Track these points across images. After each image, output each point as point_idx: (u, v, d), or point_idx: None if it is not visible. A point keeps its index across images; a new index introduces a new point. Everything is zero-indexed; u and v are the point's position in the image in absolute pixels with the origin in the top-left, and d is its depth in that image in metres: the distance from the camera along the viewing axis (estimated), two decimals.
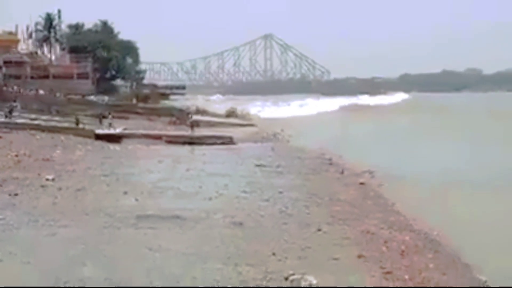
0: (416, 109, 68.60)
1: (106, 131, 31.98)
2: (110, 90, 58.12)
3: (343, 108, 76.64)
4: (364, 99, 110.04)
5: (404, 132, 37.99)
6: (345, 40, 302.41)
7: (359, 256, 9.68)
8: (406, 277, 8.94)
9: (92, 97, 49.51)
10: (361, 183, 17.71)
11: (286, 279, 8.42)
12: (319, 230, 11.38)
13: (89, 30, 65.96)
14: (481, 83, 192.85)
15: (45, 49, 65.58)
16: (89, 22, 68.26)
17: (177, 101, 60.64)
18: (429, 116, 54.04)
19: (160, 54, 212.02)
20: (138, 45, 72.15)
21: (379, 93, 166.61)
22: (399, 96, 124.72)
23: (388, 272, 8.99)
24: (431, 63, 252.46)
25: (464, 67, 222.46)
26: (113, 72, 62.98)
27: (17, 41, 62.66)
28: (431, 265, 9.70)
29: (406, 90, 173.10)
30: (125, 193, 14.94)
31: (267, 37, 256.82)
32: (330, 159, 23.01)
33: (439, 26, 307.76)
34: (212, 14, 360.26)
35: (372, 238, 11.06)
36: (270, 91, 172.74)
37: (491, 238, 12.01)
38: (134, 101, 52.32)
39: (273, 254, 9.58)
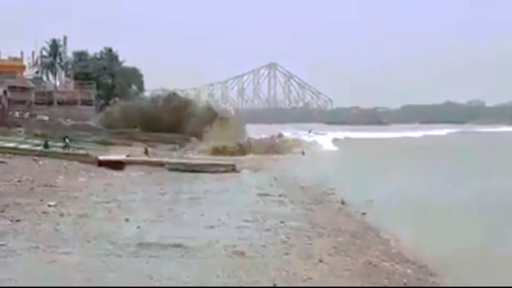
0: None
1: (108, 157, 32.02)
2: None
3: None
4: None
5: None
6: (348, 69, 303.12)
7: None
8: None
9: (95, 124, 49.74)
10: None
11: None
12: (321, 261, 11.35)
13: (94, 57, 66.35)
14: (484, 115, 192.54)
15: (50, 75, 66.02)
16: (94, 48, 68.76)
17: None
18: None
19: (164, 82, 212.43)
20: (142, 72, 72.53)
21: (381, 123, 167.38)
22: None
23: None
24: (434, 94, 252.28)
25: (466, 99, 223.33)
26: (117, 99, 63.21)
27: (23, 67, 63.15)
28: None
29: (408, 121, 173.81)
30: (127, 220, 14.93)
31: (271, 66, 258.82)
32: None
33: (441, 56, 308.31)
34: (216, 43, 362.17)
35: (374, 270, 11.02)
36: (273, 120, 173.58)
37: None
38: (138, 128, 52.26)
39: (274, 285, 9.53)
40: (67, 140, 37.79)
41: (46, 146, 34.87)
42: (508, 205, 19.95)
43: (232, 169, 31.08)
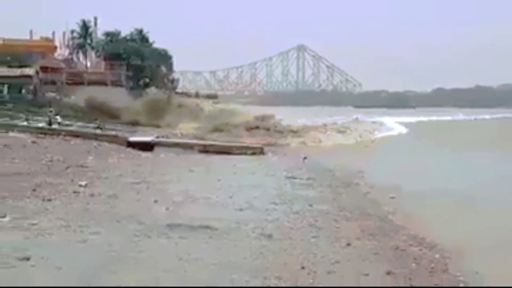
0: None
1: (138, 138, 32.25)
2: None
3: None
4: None
5: None
6: (377, 52, 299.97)
7: (388, 273, 9.61)
8: None
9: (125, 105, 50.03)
10: None
11: None
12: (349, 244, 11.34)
13: (124, 38, 66.53)
14: None
15: (81, 56, 66.43)
16: (124, 29, 68.91)
17: None
18: None
19: (193, 63, 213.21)
20: (172, 53, 72.62)
21: (409, 107, 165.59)
22: None
23: None
24: (464, 77, 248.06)
25: (497, 83, 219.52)
26: (147, 80, 63.41)
27: (54, 48, 63.61)
28: (461, 284, 9.59)
29: (439, 105, 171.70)
30: (156, 201, 15.06)
31: (300, 48, 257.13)
32: None
33: (474, 40, 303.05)
34: (245, 25, 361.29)
35: (402, 255, 10.98)
36: (301, 102, 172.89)
37: None
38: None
39: (302, 267, 9.55)
40: (97, 122, 38.26)
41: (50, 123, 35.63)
42: None
43: (261, 152, 31.12)
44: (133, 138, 31.99)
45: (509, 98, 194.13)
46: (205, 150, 30.48)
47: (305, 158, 27.86)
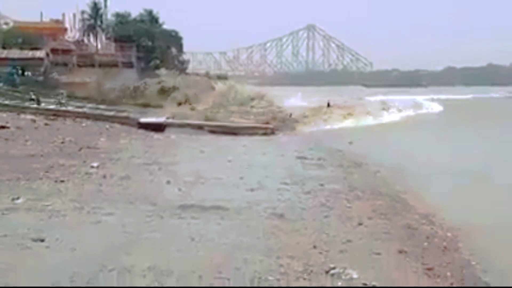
0: None
1: (149, 119, 32.34)
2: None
3: None
4: None
5: None
6: (387, 31, 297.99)
7: (400, 252, 9.65)
8: (448, 274, 8.89)
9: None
10: None
11: (327, 272, 8.44)
12: (360, 224, 11.38)
13: (135, 19, 66.41)
14: None
15: (91, 37, 66.43)
16: (134, 10, 68.81)
17: None
18: None
19: (203, 44, 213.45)
20: (182, 34, 72.45)
21: (420, 85, 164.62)
22: None
23: (429, 269, 8.95)
24: (476, 56, 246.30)
25: (509, 61, 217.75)
26: (157, 62, 63.35)
27: (64, 30, 63.68)
28: (473, 262, 9.63)
29: (450, 84, 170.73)
30: (168, 182, 15.14)
31: (309, 27, 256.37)
32: None
33: (484, 19, 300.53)
34: (255, 4, 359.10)
35: (414, 234, 11.01)
36: (311, 83, 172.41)
37: None
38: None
39: (314, 247, 9.61)
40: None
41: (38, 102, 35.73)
42: None
43: (272, 132, 31.17)
44: (144, 119, 32.07)
45: None
46: (216, 130, 30.54)
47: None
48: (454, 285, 8.56)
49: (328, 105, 49.26)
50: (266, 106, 45.11)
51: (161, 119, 32.58)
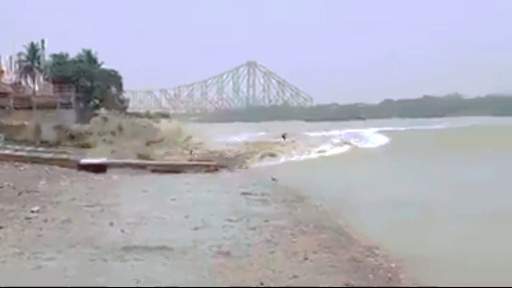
0: None
1: (90, 160, 31.87)
2: None
3: None
4: None
5: None
6: (326, 67, 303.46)
7: (347, 285, 9.72)
8: None
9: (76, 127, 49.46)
10: None
11: None
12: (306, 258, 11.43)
13: (73, 59, 65.88)
14: (462, 108, 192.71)
15: (29, 79, 65.39)
16: (73, 51, 68.26)
17: None
18: None
19: (143, 82, 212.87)
20: (121, 73, 72.16)
21: (360, 118, 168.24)
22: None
23: None
24: (411, 89, 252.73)
25: (444, 93, 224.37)
26: (97, 101, 62.85)
27: (1, 72, 62.53)
28: None
29: (387, 116, 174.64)
30: (111, 224, 14.90)
31: (250, 64, 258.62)
32: None
33: (418, 51, 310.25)
34: (195, 42, 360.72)
35: (359, 266, 11.12)
36: (251, 118, 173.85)
37: None
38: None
39: (261, 283, 9.58)
40: None
41: None
42: None
43: (215, 169, 31.13)
44: (84, 160, 31.59)
45: (457, 106, 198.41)
46: (159, 169, 30.31)
47: (273, 179, 27.42)
48: None
49: (284, 137, 50.21)
50: (206, 143, 45.41)
51: (102, 160, 32.15)
